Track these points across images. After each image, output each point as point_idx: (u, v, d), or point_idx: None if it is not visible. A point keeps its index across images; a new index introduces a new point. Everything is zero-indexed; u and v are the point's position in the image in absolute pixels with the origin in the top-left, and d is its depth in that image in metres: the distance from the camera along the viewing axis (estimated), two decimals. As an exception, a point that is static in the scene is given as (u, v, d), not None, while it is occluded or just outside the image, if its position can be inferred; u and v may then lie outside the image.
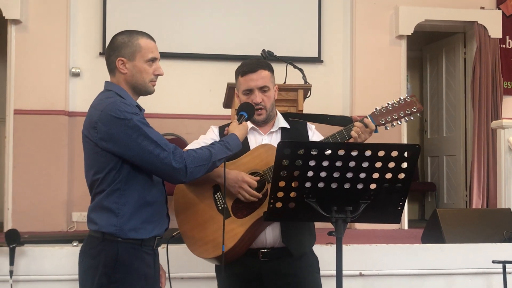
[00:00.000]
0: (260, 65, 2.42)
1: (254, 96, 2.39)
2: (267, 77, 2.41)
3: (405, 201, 2.03)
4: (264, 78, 2.40)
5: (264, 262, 2.34)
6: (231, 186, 2.27)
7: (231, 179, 2.26)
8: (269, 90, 2.42)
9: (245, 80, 2.41)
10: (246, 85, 2.41)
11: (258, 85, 2.39)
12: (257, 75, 2.39)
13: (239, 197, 2.28)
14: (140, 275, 2.07)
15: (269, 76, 2.42)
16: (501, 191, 4.88)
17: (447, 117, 7.11)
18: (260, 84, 2.39)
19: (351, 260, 3.58)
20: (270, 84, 2.42)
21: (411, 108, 2.34)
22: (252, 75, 2.39)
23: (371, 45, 6.07)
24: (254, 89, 2.40)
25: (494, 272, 3.70)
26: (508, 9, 6.39)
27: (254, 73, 2.39)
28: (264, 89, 2.40)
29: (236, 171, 2.29)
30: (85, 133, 2.11)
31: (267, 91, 2.41)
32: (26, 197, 5.47)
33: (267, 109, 2.43)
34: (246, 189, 2.25)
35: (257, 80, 2.39)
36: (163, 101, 5.55)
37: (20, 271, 3.43)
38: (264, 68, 2.42)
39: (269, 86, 2.42)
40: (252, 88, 2.40)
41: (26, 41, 5.61)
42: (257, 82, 2.39)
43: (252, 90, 2.40)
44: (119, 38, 2.16)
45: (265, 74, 2.41)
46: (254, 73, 2.39)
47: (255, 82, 2.39)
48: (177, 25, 5.90)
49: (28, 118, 5.55)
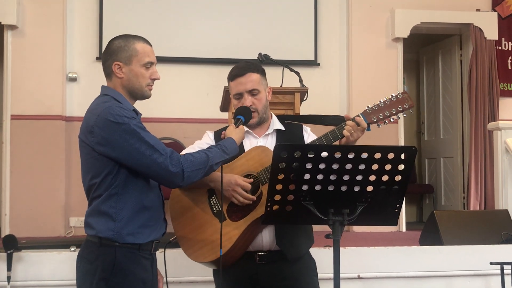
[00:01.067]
0: (249, 68, 2.40)
1: (244, 99, 2.38)
2: (256, 80, 2.40)
3: (402, 203, 2.03)
4: (253, 81, 2.39)
5: (261, 265, 2.34)
6: (225, 190, 2.25)
7: (224, 183, 2.24)
8: (259, 92, 2.40)
9: (235, 84, 2.41)
10: (236, 89, 2.41)
11: (247, 89, 2.38)
12: (245, 79, 2.38)
13: (233, 201, 2.27)
14: (138, 279, 2.07)
15: (258, 79, 2.40)
16: (498, 193, 4.88)
17: (444, 119, 7.12)
18: (249, 87, 2.38)
19: (349, 263, 3.58)
20: (260, 86, 2.41)
21: (403, 104, 2.35)
22: (240, 78, 2.39)
23: (367, 48, 6.09)
24: (243, 93, 2.39)
25: (492, 274, 3.70)
26: (503, 11, 6.41)
27: (242, 77, 2.38)
28: (253, 92, 2.39)
29: (229, 174, 2.28)
30: (81, 137, 2.11)
31: (257, 94, 2.40)
32: (23, 202, 5.47)
33: (259, 112, 2.41)
34: (240, 192, 2.25)
35: (246, 84, 2.38)
36: (160, 105, 5.57)
37: (18, 276, 3.42)
38: (252, 71, 2.40)
39: (258, 89, 2.40)
40: (241, 91, 2.39)
41: (22, 46, 5.62)
42: (246, 86, 2.38)
43: (242, 93, 2.39)
44: (115, 42, 2.16)
45: (254, 77, 2.39)
46: (242, 76, 2.38)
47: (244, 86, 2.38)
48: (174, 29, 5.91)
49: (25, 123, 5.55)
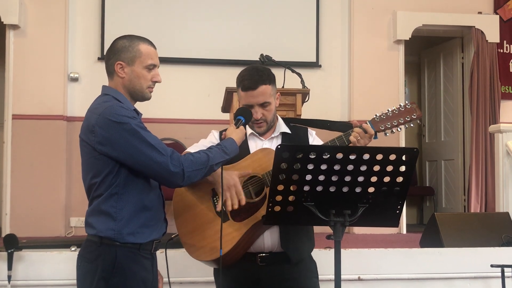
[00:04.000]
0: (261, 80, 2.36)
1: (255, 112, 2.37)
2: (268, 92, 2.37)
3: (403, 204, 2.03)
4: (264, 95, 2.36)
5: (262, 266, 2.34)
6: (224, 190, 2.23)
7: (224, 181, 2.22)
8: (270, 104, 2.39)
9: (246, 96, 2.37)
10: (247, 101, 2.38)
11: (258, 102, 2.37)
12: (257, 92, 2.35)
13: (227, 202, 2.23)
14: (138, 279, 2.07)
15: (270, 90, 2.38)
16: (499, 195, 4.88)
17: (445, 121, 7.12)
18: (260, 100, 2.36)
19: (349, 264, 3.58)
20: (271, 98, 2.39)
21: (411, 115, 2.34)
22: (252, 92, 2.35)
23: (369, 50, 6.09)
24: (254, 105, 2.38)
25: (492, 276, 3.70)
26: (505, 14, 6.41)
27: (254, 90, 2.35)
28: (264, 105, 2.38)
29: (229, 172, 2.25)
30: (82, 137, 2.11)
31: (267, 105, 2.38)
32: (24, 202, 5.47)
33: (267, 122, 2.41)
34: (232, 194, 2.21)
35: (257, 97, 2.36)
36: (161, 106, 5.57)
37: (18, 276, 3.42)
38: (264, 82, 2.36)
39: (269, 101, 2.38)
40: (252, 104, 2.37)
41: (24, 46, 5.62)
42: (258, 99, 2.36)
43: (253, 106, 2.38)
44: (120, 42, 2.16)
45: (266, 89, 2.36)
46: (254, 90, 2.35)
47: (256, 99, 2.36)
48: (176, 30, 5.92)
49: (26, 123, 5.55)
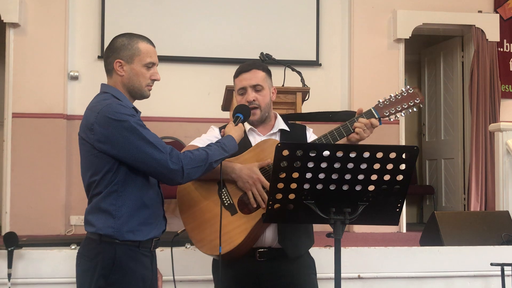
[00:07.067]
0: (254, 65, 2.44)
1: (247, 94, 2.40)
2: (261, 77, 2.42)
3: (403, 202, 2.03)
4: (257, 78, 2.41)
5: (260, 262, 2.33)
6: (245, 181, 2.24)
7: (245, 174, 2.24)
8: (263, 89, 2.41)
9: (239, 80, 2.43)
10: (240, 84, 2.42)
11: (251, 84, 2.40)
12: (250, 74, 2.40)
13: (248, 194, 2.24)
14: (138, 277, 2.07)
15: (263, 76, 2.42)
16: (499, 194, 4.88)
17: (445, 120, 7.12)
18: (253, 82, 2.40)
19: (349, 263, 3.58)
20: (264, 83, 2.42)
21: (414, 99, 2.34)
22: (245, 74, 2.41)
23: (369, 49, 6.08)
24: (247, 87, 2.40)
25: (492, 275, 3.70)
26: (505, 13, 6.41)
27: (247, 72, 2.41)
28: (257, 88, 2.40)
29: (249, 165, 2.26)
30: (81, 135, 2.11)
31: (260, 90, 2.41)
32: (24, 200, 5.47)
33: (261, 109, 2.42)
34: (259, 189, 2.23)
35: (250, 79, 2.40)
36: (161, 104, 5.57)
37: (18, 274, 3.42)
38: (258, 68, 2.43)
39: (262, 85, 2.41)
40: (245, 86, 2.40)
41: (24, 44, 5.61)
42: (250, 81, 2.40)
43: (245, 88, 2.41)
44: (119, 40, 2.17)
45: (259, 74, 2.42)
46: (247, 72, 2.41)
47: (248, 81, 2.40)
48: (176, 28, 5.91)
49: (26, 122, 5.55)
